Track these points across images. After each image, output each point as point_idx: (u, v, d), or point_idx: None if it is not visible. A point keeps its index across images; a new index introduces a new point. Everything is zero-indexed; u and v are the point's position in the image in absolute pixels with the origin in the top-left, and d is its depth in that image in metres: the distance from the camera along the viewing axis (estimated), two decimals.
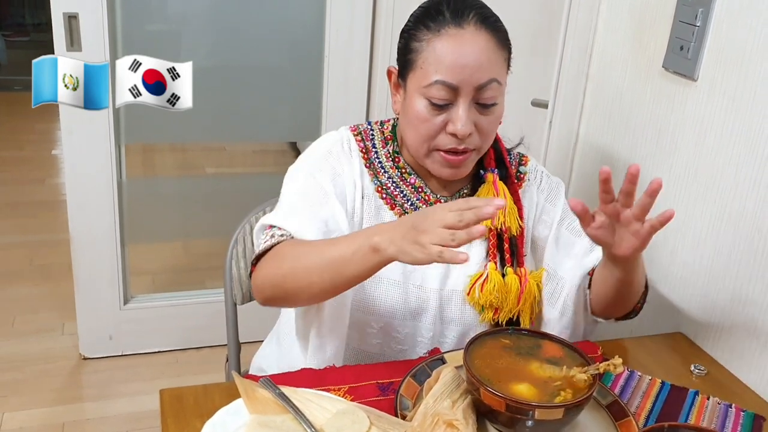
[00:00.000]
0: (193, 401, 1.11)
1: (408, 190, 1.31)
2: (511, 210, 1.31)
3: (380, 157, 1.32)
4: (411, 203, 1.31)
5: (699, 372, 1.31)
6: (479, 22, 1.17)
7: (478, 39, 1.17)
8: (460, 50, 1.16)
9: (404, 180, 1.32)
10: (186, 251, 3.12)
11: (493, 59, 1.18)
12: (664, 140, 1.56)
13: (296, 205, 1.23)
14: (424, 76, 1.18)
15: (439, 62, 1.16)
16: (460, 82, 1.16)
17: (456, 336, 1.32)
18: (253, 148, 3.69)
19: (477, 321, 1.31)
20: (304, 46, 2.43)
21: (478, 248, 1.32)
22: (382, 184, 1.31)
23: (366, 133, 1.34)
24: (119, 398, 2.37)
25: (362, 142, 1.33)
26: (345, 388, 1.15)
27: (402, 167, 1.32)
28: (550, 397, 1.02)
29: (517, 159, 1.40)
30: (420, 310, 1.30)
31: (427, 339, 1.31)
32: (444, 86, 1.16)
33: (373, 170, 1.31)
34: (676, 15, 1.50)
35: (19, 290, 2.95)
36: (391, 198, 1.31)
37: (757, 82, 1.32)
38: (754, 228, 1.34)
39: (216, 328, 1.95)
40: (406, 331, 1.31)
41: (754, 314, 1.34)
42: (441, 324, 1.32)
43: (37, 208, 3.70)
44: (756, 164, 1.33)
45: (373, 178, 1.31)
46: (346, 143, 1.31)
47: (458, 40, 1.16)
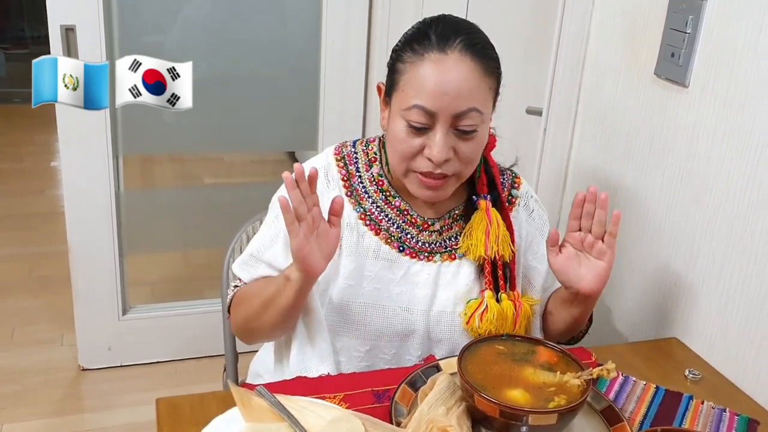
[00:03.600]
0: (190, 410, 1.11)
1: (393, 213, 1.31)
2: (503, 237, 1.30)
3: (363, 182, 1.32)
4: (397, 226, 1.31)
5: (693, 377, 1.32)
6: (465, 48, 1.16)
7: (460, 66, 1.15)
8: (440, 77, 1.15)
9: (389, 203, 1.31)
10: (185, 261, 3.13)
11: (475, 88, 1.16)
12: (656, 146, 1.57)
13: (253, 252, 1.32)
14: (404, 99, 1.18)
15: (419, 87, 1.16)
16: (438, 109, 1.15)
17: (445, 353, 1.32)
18: (252, 158, 3.70)
19: (465, 339, 1.29)
20: (301, 57, 2.45)
21: (467, 267, 1.32)
22: (365, 210, 1.30)
23: (349, 156, 1.34)
24: (118, 409, 2.37)
25: (344, 168, 1.32)
26: (340, 395, 1.16)
27: (386, 190, 1.32)
28: (544, 403, 1.03)
29: (510, 181, 1.40)
30: (407, 332, 1.30)
31: (415, 357, 1.32)
32: (422, 111, 1.16)
33: (355, 197, 1.31)
34: (667, 22, 1.51)
35: (18, 302, 2.96)
36: (375, 224, 1.30)
37: (747, 87, 1.33)
38: (747, 232, 1.34)
39: (215, 337, 1.95)
40: (393, 352, 1.31)
41: (748, 318, 1.34)
42: (429, 343, 1.32)
43: (36, 219, 3.71)
44: (747, 168, 1.34)
45: (356, 206, 1.30)
46: (323, 173, 1.31)
47: (439, 67, 1.15)
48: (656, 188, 1.58)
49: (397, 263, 1.30)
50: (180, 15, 2.29)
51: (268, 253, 1.30)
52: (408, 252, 1.30)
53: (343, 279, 1.27)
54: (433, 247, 1.32)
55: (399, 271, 1.30)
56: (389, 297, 1.29)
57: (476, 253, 1.29)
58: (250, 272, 1.32)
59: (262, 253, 1.31)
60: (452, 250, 1.32)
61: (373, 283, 1.28)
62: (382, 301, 1.28)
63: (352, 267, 1.27)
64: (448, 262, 1.31)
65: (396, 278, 1.29)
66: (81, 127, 2.23)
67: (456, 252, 1.32)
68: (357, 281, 1.28)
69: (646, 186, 1.61)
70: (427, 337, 1.31)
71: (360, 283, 1.28)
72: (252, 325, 1.28)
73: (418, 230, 1.31)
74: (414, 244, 1.31)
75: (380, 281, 1.28)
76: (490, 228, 1.29)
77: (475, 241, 1.29)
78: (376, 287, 1.28)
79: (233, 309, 1.33)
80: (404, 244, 1.30)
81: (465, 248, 1.30)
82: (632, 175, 1.65)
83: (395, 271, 1.29)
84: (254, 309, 1.25)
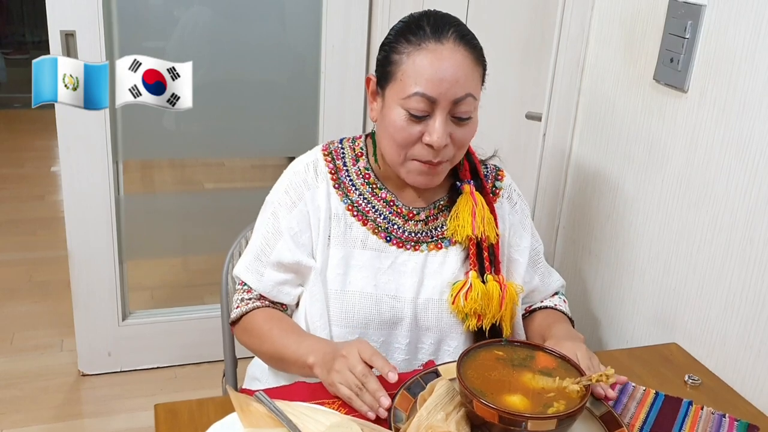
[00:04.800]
0: (188, 415, 1.11)
1: (379, 204, 1.34)
2: (488, 219, 1.34)
3: (351, 175, 1.35)
4: (383, 217, 1.34)
5: (693, 382, 1.32)
6: (458, 38, 1.21)
7: (456, 55, 1.20)
8: (439, 64, 1.19)
9: (375, 195, 1.35)
10: (184, 267, 3.13)
11: (470, 75, 1.21)
12: (655, 151, 1.57)
13: (256, 252, 1.36)
14: (403, 88, 1.21)
15: (418, 75, 1.19)
16: (438, 95, 1.19)
17: (433, 342, 1.35)
18: (252, 163, 3.70)
19: (454, 327, 1.34)
20: (301, 62, 2.45)
21: (454, 256, 1.35)
22: (353, 202, 1.34)
23: (336, 152, 1.37)
24: (118, 414, 2.37)
25: (332, 162, 1.36)
26: (339, 401, 1.16)
27: (372, 183, 1.35)
28: (543, 409, 1.03)
29: (494, 173, 1.43)
30: (395, 319, 1.33)
31: (403, 346, 1.35)
32: (423, 98, 1.19)
33: (342, 189, 1.34)
34: (666, 27, 1.51)
35: (18, 307, 2.95)
36: (362, 214, 1.34)
37: (746, 92, 1.33)
38: (746, 237, 1.34)
39: (215, 343, 1.95)
40: (381, 339, 1.34)
41: (748, 324, 1.34)
42: (417, 331, 1.35)
43: (37, 225, 3.71)
44: (746, 174, 1.34)
45: (343, 198, 1.34)
46: (311, 168, 1.35)
47: (437, 55, 1.19)
48: (655, 193, 1.58)
49: (385, 253, 1.33)
50: (180, 21, 2.30)
51: (273, 253, 1.33)
52: (395, 242, 1.34)
53: (332, 268, 1.31)
54: (420, 237, 1.35)
55: (386, 261, 1.33)
56: (377, 285, 1.32)
57: (463, 233, 1.32)
58: (257, 278, 1.35)
59: (268, 254, 1.33)
60: (438, 239, 1.35)
61: (361, 272, 1.32)
62: (370, 289, 1.31)
63: (340, 256, 1.31)
64: (434, 251, 1.35)
65: (383, 267, 1.33)
66: (81, 132, 2.23)
67: (442, 242, 1.35)
68: (345, 270, 1.32)
69: (646, 191, 1.61)
70: (415, 325, 1.34)
71: (348, 272, 1.32)
72: (254, 352, 1.37)
73: (404, 220, 1.34)
74: (401, 234, 1.34)
75: (368, 270, 1.32)
76: (476, 209, 1.32)
77: (462, 221, 1.32)
78: (364, 276, 1.32)
79: (240, 331, 1.37)
80: (391, 234, 1.34)
81: (452, 230, 1.33)
82: (631, 179, 1.65)
83: (383, 261, 1.33)
84: (262, 350, 1.33)
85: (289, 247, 1.31)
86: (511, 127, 2.04)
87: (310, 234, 1.32)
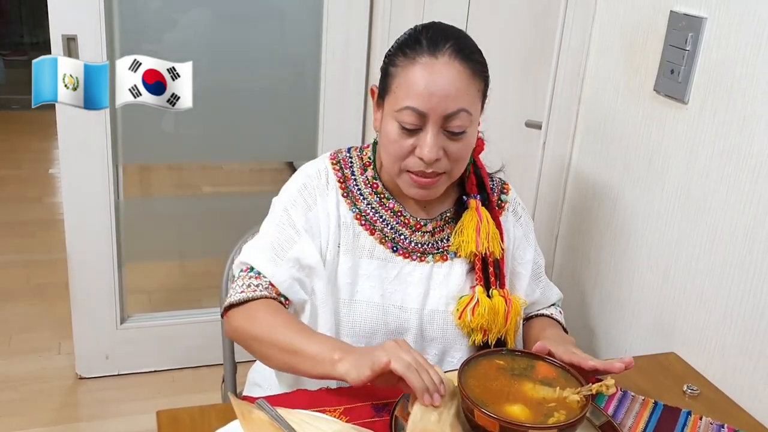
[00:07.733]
0: (190, 422, 1.12)
1: (387, 214, 1.34)
2: (494, 235, 1.34)
3: (359, 184, 1.35)
4: (390, 227, 1.34)
5: (692, 392, 1.32)
6: (454, 53, 1.20)
7: (450, 69, 1.19)
8: (430, 79, 1.18)
9: (383, 205, 1.34)
10: (183, 271, 3.12)
11: (463, 90, 1.20)
12: (655, 162, 1.58)
13: (272, 244, 1.29)
14: (396, 101, 1.21)
15: (410, 89, 1.19)
16: (429, 110, 1.19)
17: (437, 353, 1.35)
18: (250, 167, 3.71)
19: (458, 338, 1.34)
20: (301, 67, 2.46)
21: (459, 268, 1.35)
22: (361, 211, 1.34)
23: (345, 161, 1.37)
24: (115, 418, 2.37)
25: (340, 171, 1.35)
26: (340, 409, 1.16)
27: (380, 192, 1.35)
28: (544, 418, 1.03)
29: (499, 186, 1.44)
30: (401, 329, 1.33)
31: None
32: (413, 112, 1.19)
33: (351, 198, 1.34)
34: (667, 39, 1.52)
35: (15, 309, 2.94)
36: (370, 224, 1.33)
37: (746, 104, 1.34)
38: (746, 248, 1.35)
39: (213, 347, 1.95)
40: None
41: (747, 333, 1.35)
42: (422, 342, 1.35)
43: (35, 227, 3.70)
44: (746, 184, 1.35)
45: (351, 207, 1.33)
46: (323, 175, 1.34)
47: (430, 69, 1.19)
48: (655, 203, 1.59)
49: (391, 263, 1.33)
50: (181, 25, 2.30)
51: (293, 250, 1.28)
52: (401, 252, 1.34)
53: (342, 277, 1.31)
54: (426, 248, 1.35)
55: (393, 271, 1.33)
56: (383, 295, 1.32)
57: (467, 249, 1.32)
58: (273, 267, 1.28)
59: (286, 251, 1.28)
60: (444, 251, 1.36)
61: (368, 281, 1.32)
62: (377, 299, 1.31)
63: (349, 265, 1.31)
64: (440, 262, 1.35)
65: (390, 277, 1.33)
66: (81, 136, 2.23)
67: (447, 253, 1.35)
68: (353, 279, 1.31)
69: (645, 201, 1.61)
70: (421, 336, 1.34)
71: (356, 281, 1.31)
72: (252, 345, 1.23)
73: (411, 231, 1.34)
74: (407, 244, 1.34)
75: (375, 280, 1.32)
76: (481, 225, 1.33)
77: (466, 237, 1.32)
78: (371, 285, 1.32)
79: (241, 314, 1.25)
80: (397, 244, 1.34)
81: (456, 245, 1.34)
82: (631, 189, 1.66)
83: (389, 271, 1.33)
84: (267, 338, 1.20)
85: (310, 247, 1.28)
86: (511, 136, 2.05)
87: (320, 241, 1.31)
